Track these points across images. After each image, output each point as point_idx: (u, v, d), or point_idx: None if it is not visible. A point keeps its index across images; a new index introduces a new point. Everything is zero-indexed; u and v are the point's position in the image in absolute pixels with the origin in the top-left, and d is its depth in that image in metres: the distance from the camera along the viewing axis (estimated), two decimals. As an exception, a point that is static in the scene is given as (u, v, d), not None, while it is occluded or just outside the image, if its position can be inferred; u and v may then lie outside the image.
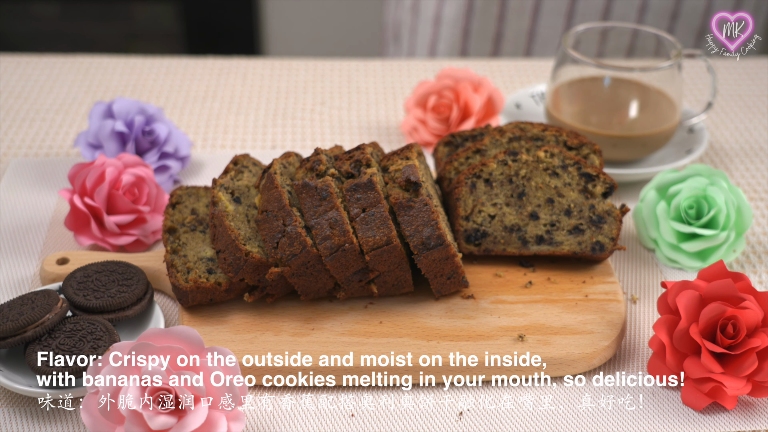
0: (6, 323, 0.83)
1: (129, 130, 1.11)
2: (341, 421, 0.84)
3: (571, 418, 0.85)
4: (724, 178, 1.03)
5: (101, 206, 1.00)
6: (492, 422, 0.84)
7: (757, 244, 1.07)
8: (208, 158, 1.20)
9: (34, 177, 1.15)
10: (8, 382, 0.83)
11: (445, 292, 0.93)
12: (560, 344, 0.88)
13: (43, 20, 2.96)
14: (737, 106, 1.35)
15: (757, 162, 1.22)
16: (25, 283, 0.98)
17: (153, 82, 1.38)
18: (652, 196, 1.04)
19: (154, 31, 2.94)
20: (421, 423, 0.84)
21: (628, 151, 1.15)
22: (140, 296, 0.90)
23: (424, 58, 1.46)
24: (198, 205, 0.99)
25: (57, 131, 1.25)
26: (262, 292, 0.91)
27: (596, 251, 0.97)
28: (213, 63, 1.44)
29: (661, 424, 0.84)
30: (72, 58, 1.43)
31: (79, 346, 0.83)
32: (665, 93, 1.15)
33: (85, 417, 0.76)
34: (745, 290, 0.85)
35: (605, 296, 0.95)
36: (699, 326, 0.84)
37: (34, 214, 1.08)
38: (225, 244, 0.91)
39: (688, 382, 0.85)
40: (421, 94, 1.23)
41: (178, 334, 0.78)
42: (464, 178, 0.98)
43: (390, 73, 1.42)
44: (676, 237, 1.02)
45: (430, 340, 0.89)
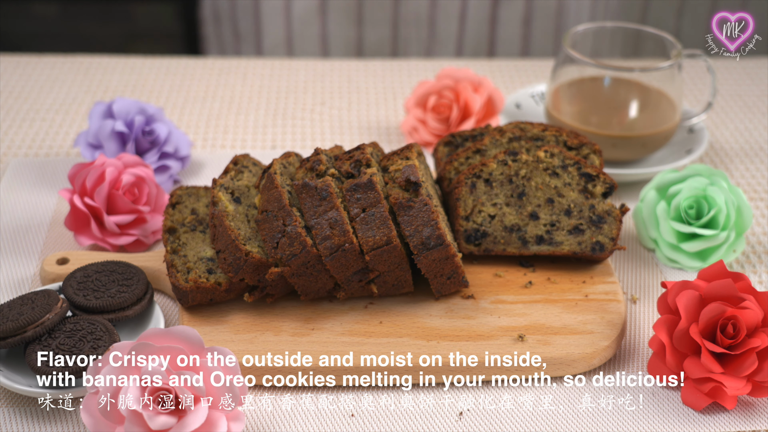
0: (6, 323, 0.83)
1: (129, 130, 1.11)
2: (341, 421, 0.84)
3: (571, 418, 0.85)
4: (724, 178, 1.03)
5: (101, 206, 1.00)
6: (492, 422, 0.84)
7: (757, 244, 1.07)
8: (208, 158, 1.20)
9: (34, 177, 1.15)
10: (8, 382, 0.83)
11: (445, 292, 0.93)
12: (560, 344, 0.88)
13: (43, 20, 2.96)
14: (737, 106, 1.35)
15: (757, 162, 1.22)
16: (25, 283, 0.98)
17: (153, 82, 1.38)
18: (652, 196, 1.04)
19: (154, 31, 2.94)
20: (421, 423, 0.84)
21: (628, 151, 1.15)
22: (140, 296, 0.90)
23: (425, 58, 1.46)
24: (198, 205, 0.99)
25: (57, 131, 1.25)
26: (262, 292, 0.91)
27: (596, 251, 0.97)
28: (213, 63, 1.44)
29: (661, 424, 0.84)
30: (72, 58, 1.43)
31: (79, 346, 0.83)
32: (665, 93, 1.15)
33: (85, 417, 0.76)
34: (745, 290, 0.85)
35: (605, 296, 0.95)
36: (699, 326, 0.84)
37: (34, 214, 1.08)
38: (225, 244, 0.91)
39: (688, 382, 0.85)
40: (421, 94, 1.23)
41: (178, 334, 0.78)
42: (464, 178, 0.98)
43: (390, 73, 1.42)
44: (676, 237, 1.02)
45: (430, 340, 0.89)
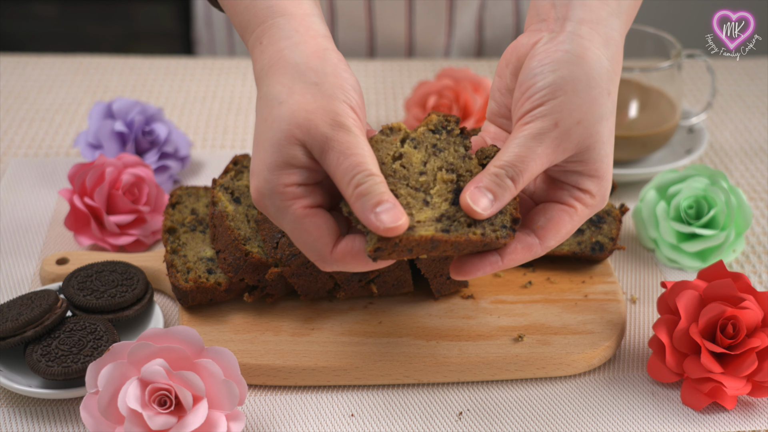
0: (6, 323, 0.83)
1: (129, 130, 1.11)
2: (341, 421, 0.84)
3: (571, 418, 0.85)
4: (724, 178, 1.03)
5: (101, 206, 1.00)
6: (492, 422, 0.84)
7: (757, 244, 1.07)
8: (208, 158, 1.20)
9: (34, 177, 1.15)
10: (8, 382, 0.83)
11: (445, 292, 0.93)
12: (560, 344, 0.88)
13: (43, 20, 2.96)
14: (737, 106, 1.35)
15: (757, 162, 1.22)
16: (25, 283, 0.98)
17: (153, 82, 1.38)
18: (652, 196, 1.04)
19: (154, 31, 2.94)
20: (421, 423, 0.84)
21: (628, 151, 1.15)
22: (140, 296, 0.90)
23: (425, 58, 1.46)
24: (198, 205, 0.99)
25: (57, 131, 1.25)
26: (262, 292, 0.91)
27: (596, 251, 0.97)
28: (213, 63, 1.44)
29: (661, 424, 0.84)
30: (72, 58, 1.43)
31: (79, 346, 0.83)
32: (665, 93, 1.15)
33: (85, 417, 0.76)
34: (744, 290, 0.85)
35: (605, 296, 0.95)
36: (699, 326, 0.84)
37: (34, 214, 1.08)
38: (225, 244, 0.91)
39: (687, 382, 0.85)
40: (421, 94, 1.23)
41: (178, 334, 0.78)
42: (464, 178, 0.98)
43: (390, 73, 1.42)
44: (675, 237, 1.02)
45: (430, 340, 0.89)
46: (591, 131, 0.74)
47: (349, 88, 0.74)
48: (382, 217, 0.69)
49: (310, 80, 0.73)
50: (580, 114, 0.73)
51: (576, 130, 0.73)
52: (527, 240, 0.75)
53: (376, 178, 0.70)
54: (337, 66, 0.74)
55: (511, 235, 0.73)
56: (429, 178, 0.75)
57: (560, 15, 0.76)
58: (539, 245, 0.75)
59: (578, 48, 0.74)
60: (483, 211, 0.72)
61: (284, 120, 0.72)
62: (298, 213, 0.73)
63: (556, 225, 0.75)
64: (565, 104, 0.73)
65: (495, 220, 0.73)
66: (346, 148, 0.71)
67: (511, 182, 0.72)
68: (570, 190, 0.76)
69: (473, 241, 0.72)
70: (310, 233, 0.73)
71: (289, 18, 0.77)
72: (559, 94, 0.73)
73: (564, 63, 0.73)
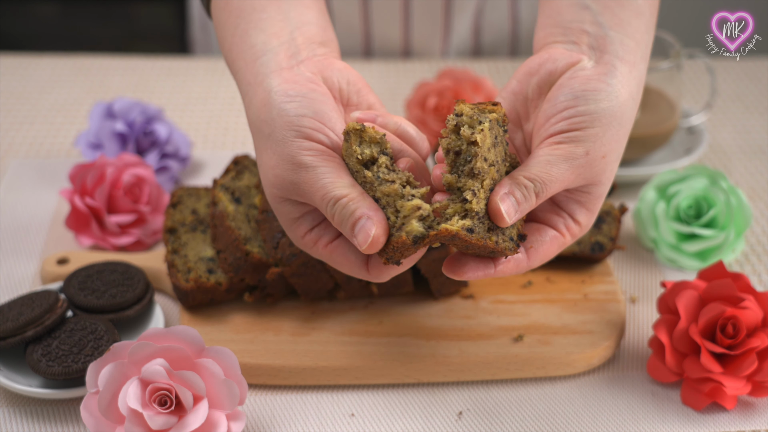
0: (6, 323, 0.83)
1: (130, 130, 1.11)
2: (341, 421, 0.84)
3: (570, 418, 0.85)
4: (724, 178, 1.03)
5: (102, 206, 1.00)
6: (492, 422, 0.84)
7: (757, 244, 1.07)
8: (208, 158, 1.20)
9: (34, 177, 1.15)
10: (8, 382, 0.83)
11: (444, 291, 0.93)
12: (560, 344, 0.89)
13: (43, 20, 2.97)
14: (737, 107, 1.35)
15: (757, 162, 1.22)
16: (25, 283, 0.99)
17: (153, 82, 1.38)
18: (652, 196, 1.04)
19: (154, 31, 2.94)
20: (421, 423, 0.84)
21: (627, 151, 1.14)
22: (141, 296, 0.90)
23: (424, 58, 1.46)
24: (198, 205, 0.99)
25: (57, 131, 1.25)
26: (262, 292, 0.91)
27: (595, 251, 0.97)
28: (213, 63, 1.44)
29: (661, 424, 0.84)
30: (72, 58, 1.43)
31: (80, 346, 0.83)
32: (665, 93, 1.16)
33: (85, 417, 0.76)
34: (744, 290, 0.85)
35: (605, 296, 0.95)
36: (699, 326, 0.84)
37: (35, 214, 1.08)
38: (225, 244, 0.91)
39: (687, 382, 0.85)
40: (421, 94, 1.23)
41: (178, 334, 0.78)
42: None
43: (390, 73, 1.42)
44: (675, 237, 1.02)
45: (430, 339, 0.89)
46: (607, 168, 0.76)
47: (293, 111, 0.74)
48: (359, 240, 0.71)
49: (264, 134, 0.75)
50: (607, 149, 0.75)
51: (598, 164, 0.75)
52: (517, 256, 0.77)
53: (342, 201, 0.72)
54: (280, 97, 0.75)
55: (515, 249, 0.74)
56: (487, 167, 0.73)
57: (597, 45, 0.77)
58: (526, 263, 0.77)
59: (619, 86, 0.75)
60: (509, 219, 0.72)
61: (266, 184, 0.76)
62: (323, 253, 0.76)
63: (546, 250, 0.78)
64: (599, 136, 0.74)
65: (506, 231, 0.74)
66: (310, 186, 0.73)
67: (535, 197, 0.74)
68: (565, 219, 0.78)
69: (487, 246, 0.72)
70: (342, 264, 0.76)
71: (243, 68, 0.79)
72: (597, 124, 0.74)
73: (606, 96, 0.75)
